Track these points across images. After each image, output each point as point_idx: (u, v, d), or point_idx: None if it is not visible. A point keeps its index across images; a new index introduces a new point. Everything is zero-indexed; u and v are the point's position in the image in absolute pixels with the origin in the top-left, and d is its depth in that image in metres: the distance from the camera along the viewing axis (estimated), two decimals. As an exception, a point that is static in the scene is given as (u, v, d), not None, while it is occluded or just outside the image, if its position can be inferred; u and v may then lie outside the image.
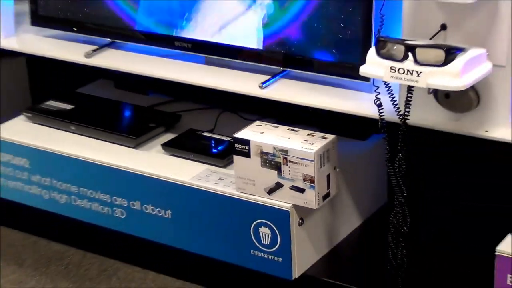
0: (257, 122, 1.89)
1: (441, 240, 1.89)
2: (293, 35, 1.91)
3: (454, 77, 1.42)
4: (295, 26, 1.90)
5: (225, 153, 1.98)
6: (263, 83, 1.88)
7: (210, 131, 2.14)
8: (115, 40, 2.23)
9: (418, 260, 1.81)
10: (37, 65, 2.63)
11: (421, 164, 1.88)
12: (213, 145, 2.09)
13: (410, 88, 1.54)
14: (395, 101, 1.61)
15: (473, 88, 1.49)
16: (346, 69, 1.79)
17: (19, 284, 2.10)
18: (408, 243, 1.75)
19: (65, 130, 2.22)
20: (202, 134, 2.13)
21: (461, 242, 1.84)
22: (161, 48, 2.15)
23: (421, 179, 1.91)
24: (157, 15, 2.16)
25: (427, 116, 1.62)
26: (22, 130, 2.27)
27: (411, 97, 1.56)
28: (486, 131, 1.54)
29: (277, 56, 1.94)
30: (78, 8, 2.28)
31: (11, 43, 2.36)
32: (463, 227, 1.86)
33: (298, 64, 1.91)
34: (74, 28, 2.27)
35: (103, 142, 2.15)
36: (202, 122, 2.23)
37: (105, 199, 2.07)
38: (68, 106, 2.33)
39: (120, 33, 2.22)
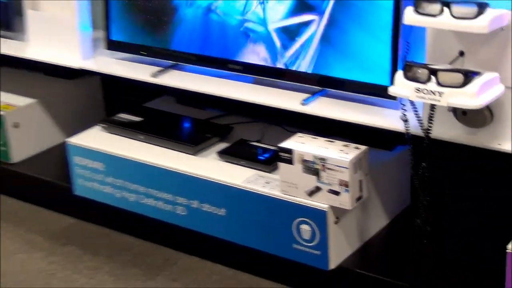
0: (299, 134, 1.92)
1: (466, 252, 1.86)
2: (331, 60, 1.94)
3: (471, 97, 1.46)
4: (333, 52, 1.94)
5: (271, 160, 2.02)
6: (304, 100, 1.93)
7: (258, 141, 2.18)
8: (177, 63, 2.27)
9: (443, 273, 1.81)
10: (111, 83, 2.67)
11: (446, 178, 1.88)
12: (261, 153, 2.11)
13: (432, 106, 1.60)
14: (419, 117, 1.65)
15: (487, 106, 1.52)
16: (377, 89, 1.83)
17: (95, 270, 2.15)
18: (431, 240, 1.76)
19: (134, 139, 2.27)
20: (251, 143, 2.16)
21: (486, 255, 1.81)
22: (216, 70, 2.19)
23: (446, 192, 1.90)
24: (214, 43, 2.20)
25: (447, 130, 1.65)
26: (98, 139, 2.32)
27: (433, 114, 1.62)
28: (499, 144, 1.58)
29: (317, 77, 1.97)
30: (146, 35, 2.34)
31: (89, 65, 2.40)
32: (487, 239, 1.82)
33: (334, 85, 1.94)
34: (142, 52, 2.33)
35: (167, 149, 2.21)
36: (251, 133, 2.26)
37: (168, 198, 2.11)
38: (137, 119, 2.38)
39: (182, 57, 2.26)
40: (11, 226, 2.47)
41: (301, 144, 1.87)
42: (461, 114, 1.61)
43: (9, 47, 2.61)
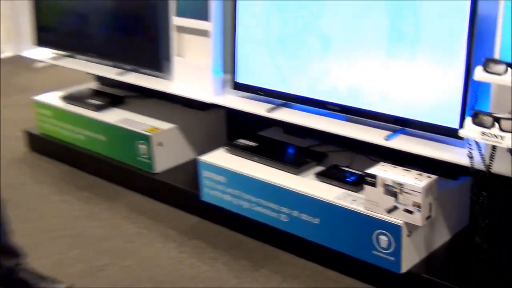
0: (382, 163, 1.97)
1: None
2: (411, 104, 1.97)
3: (527, 142, 1.50)
4: (413, 100, 1.98)
5: (358, 182, 2.06)
6: (388, 136, 1.98)
7: (348, 167, 2.22)
8: (287, 102, 2.32)
9: (498, 282, 1.81)
10: (234, 115, 2.71)
11: (502, 205, 1.90)
12: (349, 176, 2.15)
13: (494, 147, 1.67)
14: (483, 155, 1.73)
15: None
16: (448, 131, 1.86)
17: (214, 260, 2.23)
18: (488, 255, 1.80)
19: (250, 160, 2.35)
20: (342, 168, 2.21)
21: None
22: (317, 108, 2.23)
23: (502, 216, 1.90)
24: (316, 89, 2.23)
25: (505, 166, 1.69)
26: (222, 158, 2.39)
27: (494, 153, 1.70)
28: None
29: (399, 119, 2.00)
30: (262, 81, 2.39)
31: (219, 100, 2.50)
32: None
33: (413, 126, 1.96)
34: (259, 93, 2.39)
35: (275, 169, 2.27)
36: (342, 160, 2.30)
37: (274, 208, 2.18)
38: (253, 144, 2.44)
39: (290, 98, 2.31)
40: (153, 222, 2.56)
41: (383, 171, 1.91)
42: (517, 154, 1.63)
43: (158, 84, 2.71)
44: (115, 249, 2.37)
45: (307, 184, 2.18)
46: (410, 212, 1.86)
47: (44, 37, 3.21)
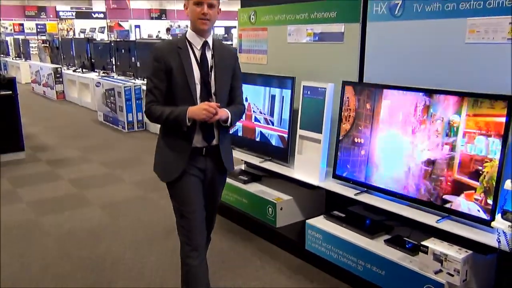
0: (432, 238, 1.99)
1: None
2: (456, 200, 1.93)
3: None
4: (457, 197, 1.94)
5: (414, 249, 2.08)
6: (438, 220, 1.97)
7: (408, 237, 2.23)
8: (368, 189, 2.32)
9: None
10: (332, 194, 2.48)
11: None
12: (408, 243, 2.17)
13: None
14: (508, 241, 1.72)
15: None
16: (484, 222, 1.84)
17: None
18: None
19: (340, 226, 2.37)
20: (404, 238, 2.24)
21: None
22: (388, 195, 2.21)
23: None
24: (387, 182, 2.20)
25: None
26: (321, 222, 2.43)
27: None
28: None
29: (447, 210, 1.98)
30: (353, 175, 2.35)
31: (322, 184, 2.50)
32: None
33: (458, 215, 1.95)
34: (350, 182, 2.34)
35: (357, 234, 2.30)
36: (404, 232, 2.30)
37: (354, 260, 2.20)
38: (343, 215, 2.47)
39: (370, 187, 2.31)
40: (272, 260, 2.57)
41: (433, 244, 1.94)
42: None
43: (285, 170, 2.73)
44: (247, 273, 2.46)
45: (378, 246, 2.20)
46: (451, 275, 1.86)
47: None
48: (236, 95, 1.91)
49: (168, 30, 17.33)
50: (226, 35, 18.80)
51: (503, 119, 1.77)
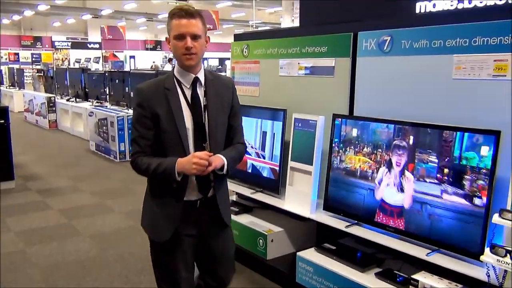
0: (423, 271, 2.00)
1: None
2: (447, 233, 1.91)
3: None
4: (447, 231, 1.92)
5: (405, 282, 2.01)
6: (428, 254, 1.94)
7: (398, 270, 2.16)
8: (359, 222, 2.29)
9: None
10: (323, 226, 2.48)
11: None
12: (399, 277, 2.10)
13: (505, 271, 1.65)
14: (497, 274, 1.70)
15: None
16: (474, 255, 1.81)
17: None
18: None
19: (331, 258, 2.30)
20: (394, 271, 2.17)
21: None
22: (378, 228, 2.18)
23: None
24: (376, 215, 2.20)
25: None
26: (311, 255, 2.38)
27: (505, 274, 1.67)
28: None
29: (437, 243, 1.96)
30: (343, 207, 2.34)
31: (313, 216, 2.48)
32: None
33: (448, 248, 1.92)
34: (341, 214, 2.36)
35: (347, 267, 2.23)
36: (394, 265, 2.23)
37: None
38: (333, 247, 2.41)
39: (361, 219, 2.29)
40: None
41: (423, 278, 1.95)
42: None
43: (275, 201, 2.72)
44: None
45: (368, 280, 2.16)
46: (443, 308, 1.83)
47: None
48: (235, 133, 1.71)
49: (170, 60, 15.03)
50: (220, 67, 19.10)
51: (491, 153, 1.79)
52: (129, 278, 2.82)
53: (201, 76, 1.64)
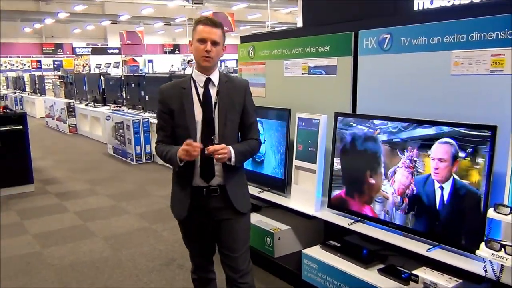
0: (423, 267, 2.01)
1: None
2: (449, 229, 1.94)
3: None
4: (449, 226, 1.95)
5: (408, 278, 2.03)
6: (428, 249, 1.97)
7: (401, 267, 2.18)
8: (362, 219, 2.32)
9: None
10: (328, 223, 2.51)
11: None
12: (403, 273, 2.12)
13: (502, 265, 1.67)
14: (494, 269, 1.72)
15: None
16: (471, 251, 1.80)
17: None
18: None
19: (335, 255, 2.35)
20: (397, 267, 2.20)
21: None
22: (382, 225, 2.20)
23: None
24: (380, 212, 2.23)
25: (510, 279, 1.68)
26: (317, 252, 2.41)
27: (502, 268, 1.69)
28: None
29: (438, 239, 1.98)
30: (347, 204, 2.39)
31: (318, 214, 2.52)
32: None
33: (448, 244, 1.94)
34: (345, 211, 2.37)
35: (351, 263, 2.26)
36: (397, 261, 2.26)
37: None
38: (338, 244, 2.47)
39: (364, 217, 2.29)
40: None
41: (424, 273, 1.96)
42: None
43: (282, 200, 2.76)
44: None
45: (372, 276, 2.19)
46: (440, 304, 1.84)
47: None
48: (249, 130, 1.88)
49: (189, 62, 16.09)
50: (237, 68, 19.14)
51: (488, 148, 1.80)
52: (140, 278, 2.89)
53: (214, 77, 1.84)
